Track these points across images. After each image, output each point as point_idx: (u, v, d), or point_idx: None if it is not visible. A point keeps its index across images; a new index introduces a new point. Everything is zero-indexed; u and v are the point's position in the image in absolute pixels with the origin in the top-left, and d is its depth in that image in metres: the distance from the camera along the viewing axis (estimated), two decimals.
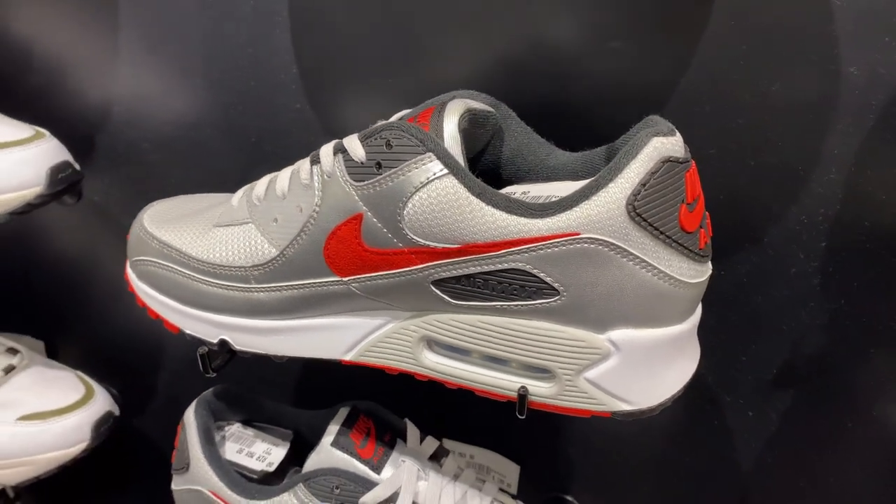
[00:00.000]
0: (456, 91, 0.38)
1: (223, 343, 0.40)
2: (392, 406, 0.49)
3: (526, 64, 0.45)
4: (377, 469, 0.44)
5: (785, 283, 0.45)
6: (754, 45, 0.41)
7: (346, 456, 0.44)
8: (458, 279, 0.33)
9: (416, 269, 0.34)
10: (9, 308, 0.71)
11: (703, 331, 0.48)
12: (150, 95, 0.54)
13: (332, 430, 0.45)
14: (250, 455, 0.49)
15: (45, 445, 0.57)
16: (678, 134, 0.31)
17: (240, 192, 0.41)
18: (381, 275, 0.35)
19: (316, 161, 0.36)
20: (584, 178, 0.37)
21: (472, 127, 0.35)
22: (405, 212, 0.33)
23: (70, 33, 0.55)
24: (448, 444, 0.59)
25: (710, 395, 0.50)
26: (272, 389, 0.63)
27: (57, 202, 0.60)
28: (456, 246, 0.32)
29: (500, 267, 0.32)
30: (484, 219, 0.32)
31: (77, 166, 0.54)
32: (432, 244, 0.33)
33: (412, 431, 0.47)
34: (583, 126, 0.45)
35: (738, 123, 0.42)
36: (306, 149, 0.52)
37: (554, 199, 0.34)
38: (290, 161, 0.53)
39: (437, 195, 0.32)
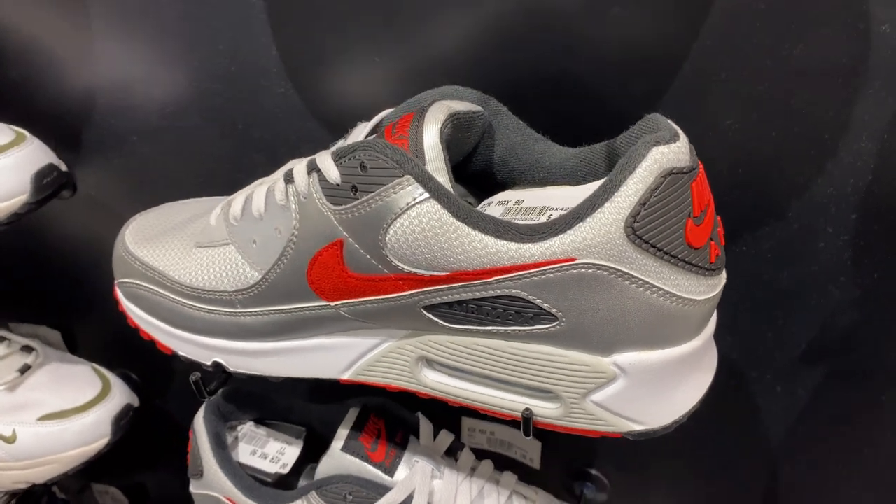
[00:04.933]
0: (439, 89, 0.34)
1: (217, 365, 0.39)
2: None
3: (521, 36, 0.40)
4: (390, 472, 0.43)
5: (813, 258, 0.42)
6: (774, 2, 0.36)
7: (356, 460, 0.43)
8: (449, 304, 0.31)
9: (405, 296, 0.31)
10: (25, 300, 0.70)
11: (727, 306, 0.46)
12: (131, 86, 0.51)
13: (342, 434, 0.44)
14: (264, 456, 0.48)
15: (67, 444, 0.57)
16: (682, 137, 0.28)
17: (217, 209, 0.38)
18: (370, 300, 0.32)
19: (290, 180, 0.33)
20: (583, 178, 0.34)
21: (456, 132, 0.32)
22: (387, 238, 0.30)
23: (45, 24, 0.51)
24: (468, 422, 0.58)
25: (736, 371, 0.48)
26: (284, 384, 0.62)
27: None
28: (444, 273, 0.30)
29: (493, 294, 0.30)
30: (472, 245, 0.29)
31: (63, 167, 0.52)
32: (419, 271, 0.30)
33: (425, 427, 0.46)
34: (587, 102, 0.41)
35: (759, 91, 0.38)
36: (295, 133, 0.49)
37: (549, 212, 0.32)
38: (279, 146, 0.51)
39: (420, 221, 0.29)
